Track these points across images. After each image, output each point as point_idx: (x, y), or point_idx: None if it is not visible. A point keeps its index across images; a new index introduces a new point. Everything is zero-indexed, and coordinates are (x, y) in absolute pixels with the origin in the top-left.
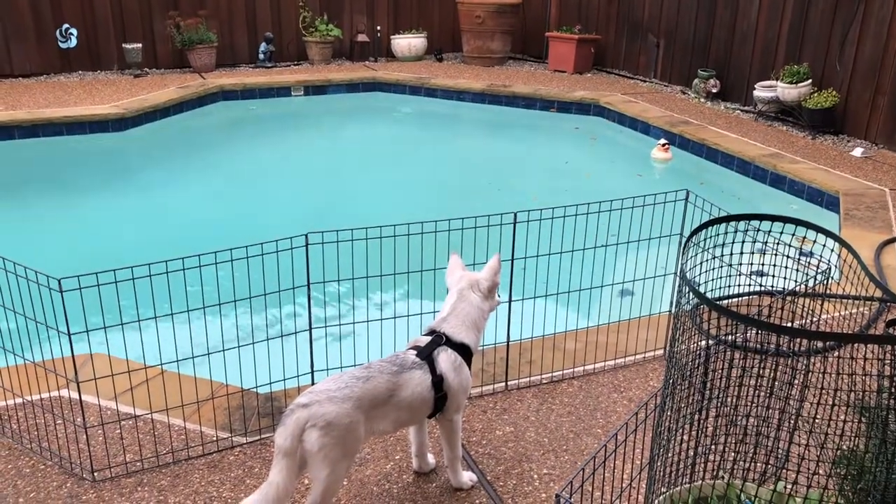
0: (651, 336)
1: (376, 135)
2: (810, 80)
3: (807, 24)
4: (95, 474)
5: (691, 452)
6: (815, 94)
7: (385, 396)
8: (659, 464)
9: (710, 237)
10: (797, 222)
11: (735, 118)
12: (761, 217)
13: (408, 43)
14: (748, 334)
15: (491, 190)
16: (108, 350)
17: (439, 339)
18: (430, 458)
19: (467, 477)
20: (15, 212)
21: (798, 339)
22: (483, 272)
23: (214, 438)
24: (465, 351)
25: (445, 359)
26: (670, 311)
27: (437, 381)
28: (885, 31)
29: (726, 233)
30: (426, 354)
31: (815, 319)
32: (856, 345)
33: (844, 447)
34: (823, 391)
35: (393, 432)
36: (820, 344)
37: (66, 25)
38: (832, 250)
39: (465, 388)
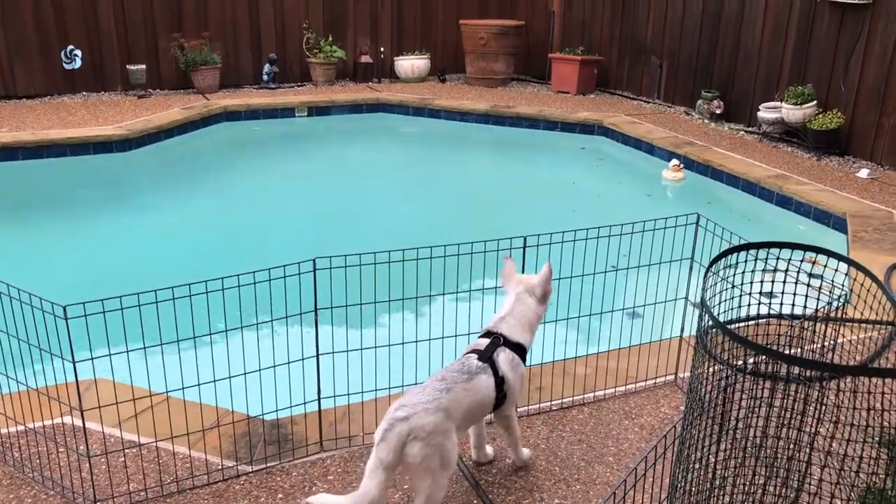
0: (661, 361)
1: (381, 156)
2: (815, 102)
3: (811, 44)
4: None
5: (716, 483)
6: (820, 116)
7: (464, 403)
8: (679, 494)
9: (730, 265)
10: (818, 250)
11: (739, 139)
12: (781, 245)
13: (411, 64)
14: (770, 366)
15: (498, 211)
16: (112, 376)
17: (497, 340)
18: (489, 450)
19: (527, 453)
20: (19, 233)
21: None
22: (537, 279)
23: (220, 467)
24: (520, 350)
25: (505, 359)
26: (681, 336)
27: (500, 382)
28: (889, 53)
29: (746, 261)
30: (487, 357)
31: (832, 345)
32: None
33: (863, 476)
34: (847, 425)
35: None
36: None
37: (70, 47)
38: (846, 274)
39: (522, 385)
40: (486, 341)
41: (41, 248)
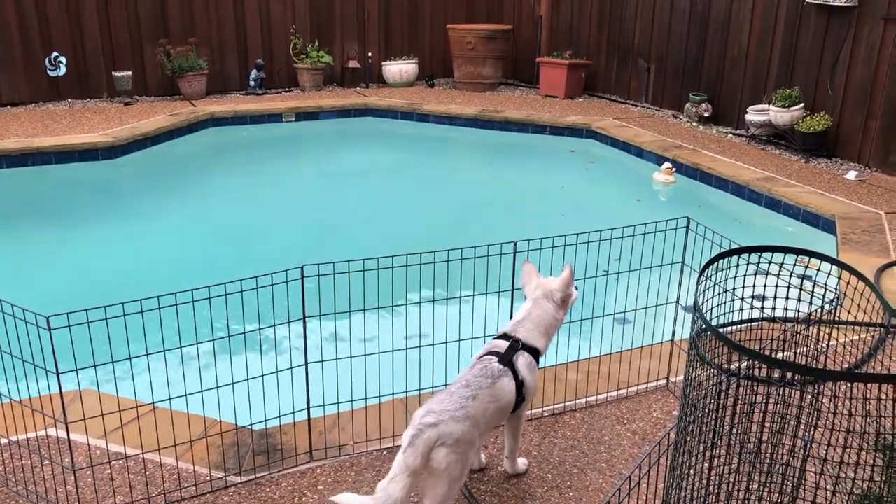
0: (653, 366)
1: (369, 161)
2: (802, 104)
3: (797, 48)
4: None
5: (710, 489)
6: (808, 118)
7: (489, 409)
8: (672, 501)
9: (723, 270)
10: (808, 254)
11: (728, 142)
12: (772, 249)
13: (399, 69)
14: (763, 370)
15: (488, 216)
16: (97, 387)
17: (516, 343)
18: (483, 457)
19: (521, 463)
20: (2, 243)
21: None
22: (556, 283)
23: (208, 478)
24: (535, 353)
25: (524, 363)
26: (672, 340)
27: (519, 385)
28: (874, 56)
29: (738, 265)
30: (507, 360)
31: (825, 348)
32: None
33: (859, 482)
34: (842, 430)
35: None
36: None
37: (55, 54)
38: (838, 277)
39: (535, 388)
40: (504, 343)
41: (25, 257)
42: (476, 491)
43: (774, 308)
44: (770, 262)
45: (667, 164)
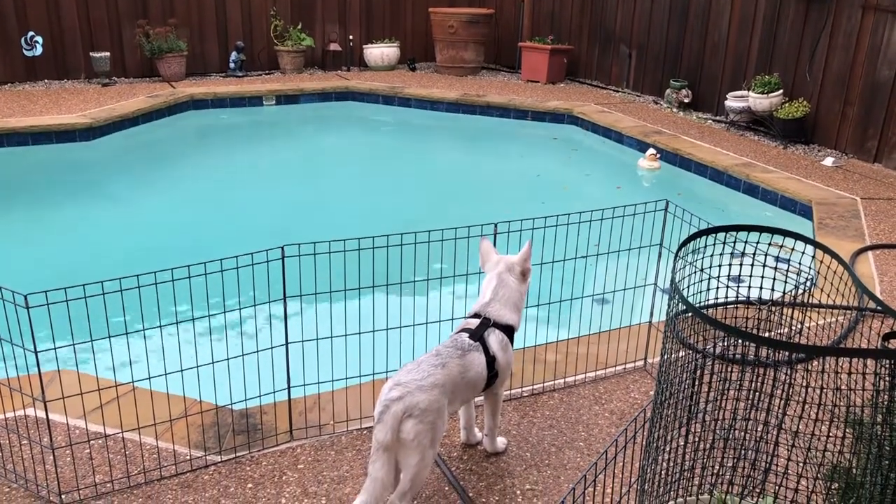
0: (631, 347)
1: (350, 144)
2: (781, 91)
3: (777, 35)
4: (63, 497)
5: (685, 466)
6: (787, 105)
7: (458, 378)
8: (648, 477)
9: (699, 249)
10: (785, 233)
11: (707, 128)
12: (749, 228)
13: (380, 52)
14: (740, 348)
15: (468, 202)
16: (76, 366)
17: (487, 321)
18: (478, 431)
19: (500, 442)
20: None
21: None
22: (516, 258)
23: (188, 457)
24: (509, 331)
25: (495, 340)
26: (650, 321)
27: (490, 361)
28: (852, 43)
29: (714, 244)
30: (478, 336)
31: (800, 328)
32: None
33: (829, 456)
34: (814, 404)
35: (457, 410)
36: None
37: (31, 33)
38: (812, 257)
39: (510, 365)
40: (476, 321)
41: (2, 239)
42: (456, 469)
43: (750, 288)
44: (745, 243)
45: (651, 151)
